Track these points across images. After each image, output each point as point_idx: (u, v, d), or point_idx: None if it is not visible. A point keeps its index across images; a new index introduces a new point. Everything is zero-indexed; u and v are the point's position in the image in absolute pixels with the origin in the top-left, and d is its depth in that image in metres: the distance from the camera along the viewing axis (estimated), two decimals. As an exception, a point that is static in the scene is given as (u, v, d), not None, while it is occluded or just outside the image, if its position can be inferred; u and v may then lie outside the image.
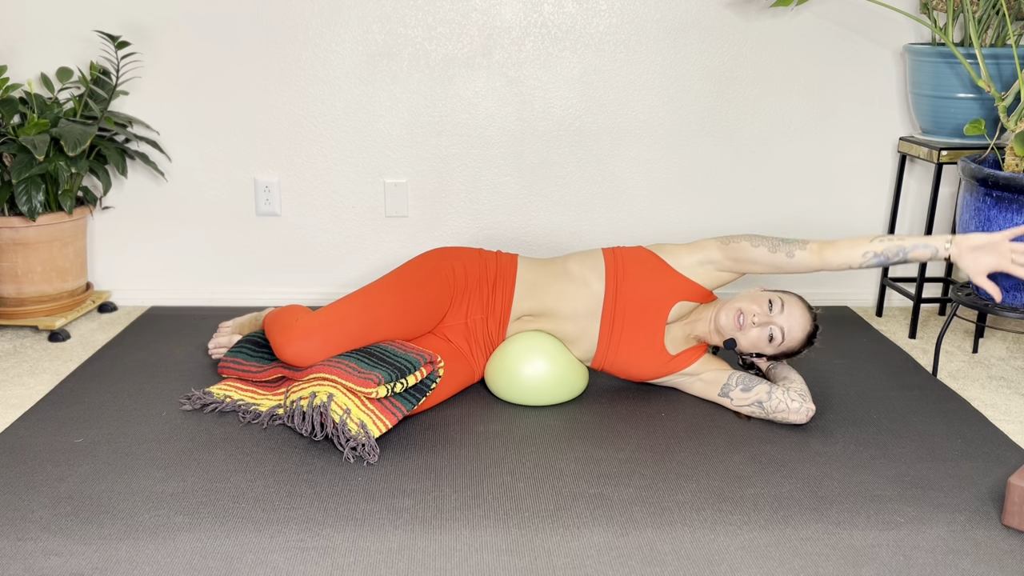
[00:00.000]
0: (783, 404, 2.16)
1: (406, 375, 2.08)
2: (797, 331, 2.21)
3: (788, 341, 2.21)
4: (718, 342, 2.28)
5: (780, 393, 2.18)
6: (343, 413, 2.01)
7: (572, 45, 2.92)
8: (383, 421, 2.04)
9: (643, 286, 2.28)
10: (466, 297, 2.36)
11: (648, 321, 2.28)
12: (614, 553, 1.68)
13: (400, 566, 1.63)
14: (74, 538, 1.70)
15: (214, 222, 3.03)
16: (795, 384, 2.21)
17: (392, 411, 2.06)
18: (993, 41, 2.73)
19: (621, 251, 2.34)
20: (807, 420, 2.16)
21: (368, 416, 2.03)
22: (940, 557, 1.68)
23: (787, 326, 2.20)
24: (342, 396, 2.04)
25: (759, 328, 2.20)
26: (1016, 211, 2.33)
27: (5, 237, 2.68)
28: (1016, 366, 2.64)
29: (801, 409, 2.15)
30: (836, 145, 3.04)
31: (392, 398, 2.08)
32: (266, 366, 2.31)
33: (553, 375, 2.29)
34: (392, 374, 2.07)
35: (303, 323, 2.18)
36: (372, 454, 1.99)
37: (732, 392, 2.25)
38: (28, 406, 2.28)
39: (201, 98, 2.92)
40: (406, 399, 2.10)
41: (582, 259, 2.36)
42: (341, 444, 2.00)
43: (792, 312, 2.20)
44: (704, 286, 2.28)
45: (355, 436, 1.99)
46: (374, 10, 2.86)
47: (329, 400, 2.04)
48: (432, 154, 2.99)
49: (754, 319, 2.19)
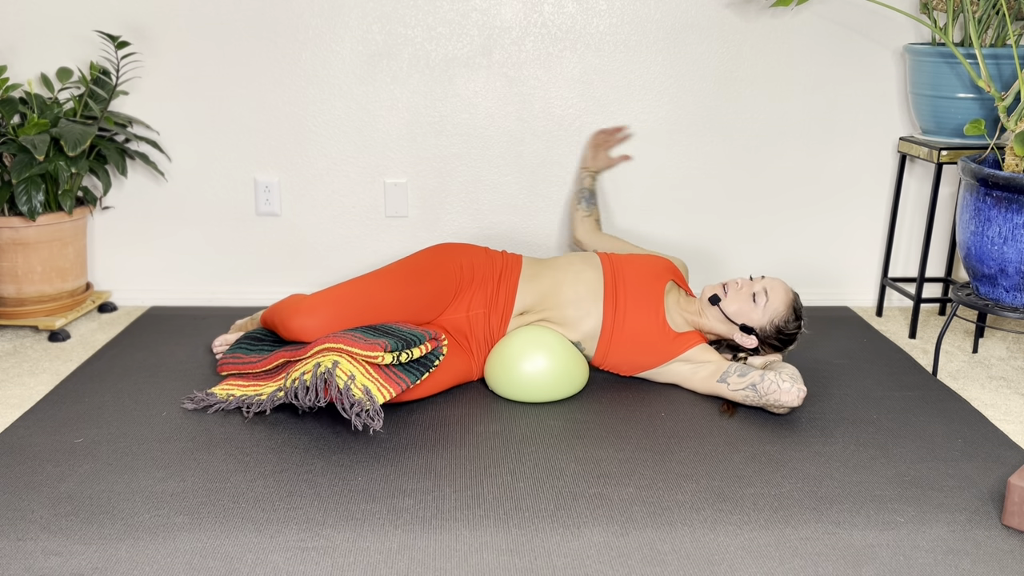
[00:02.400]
0: (775, 385, 2.19)
1: (412, 347, 2.14)
2: (780, 293, 2.37)
3: (772, 301, 2.35)
4: (710, 329, 2.42)
5: (772, 375, 2.22)
6: (347, 379, 2.02)
7: (572, 45, 2.92)
8: (387, 389, 2.05)
9: (636, 265, 2.46)
10: (470, 291, 2.41)
11: (648, 294, 2.40)
12: (614, 553, 1.68)
13: (400, 566, 1.63)
14: (74, 538, 1.70)
15: (214, 222, 3.03)
16: (787, 370, 2.25)
17: (396, 380, 2.08)
18: (993, 41, 2.73)
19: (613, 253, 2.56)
20: (799, 401, 2.18)
21: (373, 383, 2.04)
22: (940, 557, 1.68)
23: (769, 287, 2.37)
24: (347, 363, 2.06)
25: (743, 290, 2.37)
26: (1016, 211, 2.33)
27: (5, 237, 2.68)
28: (1016, 366, 2.64)
29: (792, 389, 2.17)
30: (836, 145, 3.03)
31: (396, 368, 2.11)
32: (267, 355, 2.32)
33: (552, 370, 2.29)
34: (398, 344, 2.11)
35: (310, 300, 2.25)
36: (377, 419, 1.98)
37: (730, 378, 2.28)
38: (28, 406, 2.28)
39: (201, 98, 2.92)
40: (410, 371, 2.13)
41: (581, 255, 2.51)
42: (346, 410, 1.99)
43: (773, 283, 2.39)
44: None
45: (359, 401, 1.99)
46: (374, 10, 2.86)
47: (334, 367, 2.04)
48: (432, 154, 2.99)
49: (738, 286, 2.39)
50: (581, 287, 2.40)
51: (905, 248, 3.14)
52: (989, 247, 2.40)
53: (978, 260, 2.44)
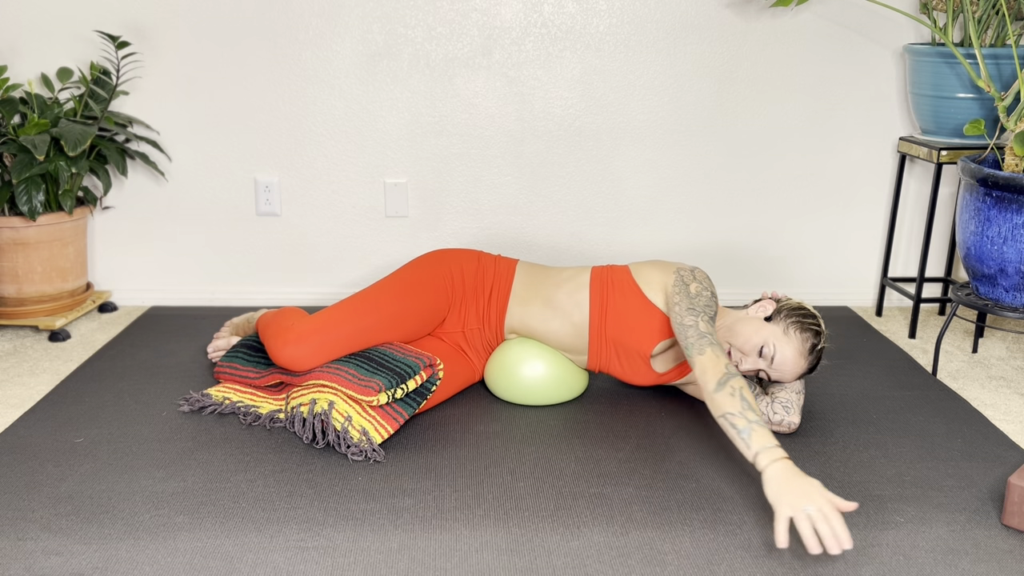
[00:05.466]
0: (765, 417, 2.15)
1: (406, 380, 2.07)
2: (788, 376, 2.12)
3: (777, 379, 2.14)
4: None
5: (763, 406, 2.17)
6: (344, 420, 2.01)
7: (572, 45, 2.92)
8: (385, 427, 2.03)
9: (627, 326, 2.21)
10: (463, 306, 2.34)
11: (633, 354, 2.24)
12: (614, 553, 1.68)
13: (400, 566, 1.63)
14: (74, 538, 1.70)
15: (214, 222, 3.03)
16: (782, 394, 2.17)
17: (394, 416, 2.06)
18: (993, 41, 2.73)
19: (610, 279, 2.26)
20: (790, 431, 2.15)
21: (370, 423, 2.02)
22: (940, 557, 1.69)
23: (776, 375, 2.12)
24: (343, 403, 2.04)
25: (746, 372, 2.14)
26: (1016, 211, 2.33)
27: (5, 237, 2.68)
28: (1016, 366, 2.64)
29: (783, 422, 2.14)
30: (836, 145, 3.04)
31: (393, 404, 2.08)
32: (263, 372, 2.30)
33: (552, 375, 2.29)
34: (392, 380, 2.05)
35: (298, 327, 2.16)
36: (377, 455, 1.99)
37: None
38: (28, 406, 2.28)
39: (201, 98, 2.92)
40: (407, 404, 2.09)
41: (569, 292, 2.27)
42: (344, 451, 2.00)
43: (784, 358, 2.08)
44: None
45: (357, 443, 1.99)
46: (374, 10, 2.86)
47: (330, 408, 2.03)
48: (432, 154, 2.99)
49: (740, 365, 2.12)
50: (565, 338, 2.27)
51: (905, 248, 3.14)
52: (989, 247, 2.40)
53: (978, 260, 2.45)
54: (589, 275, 2.29)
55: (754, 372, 2.13)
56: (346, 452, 1.99)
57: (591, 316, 2.24)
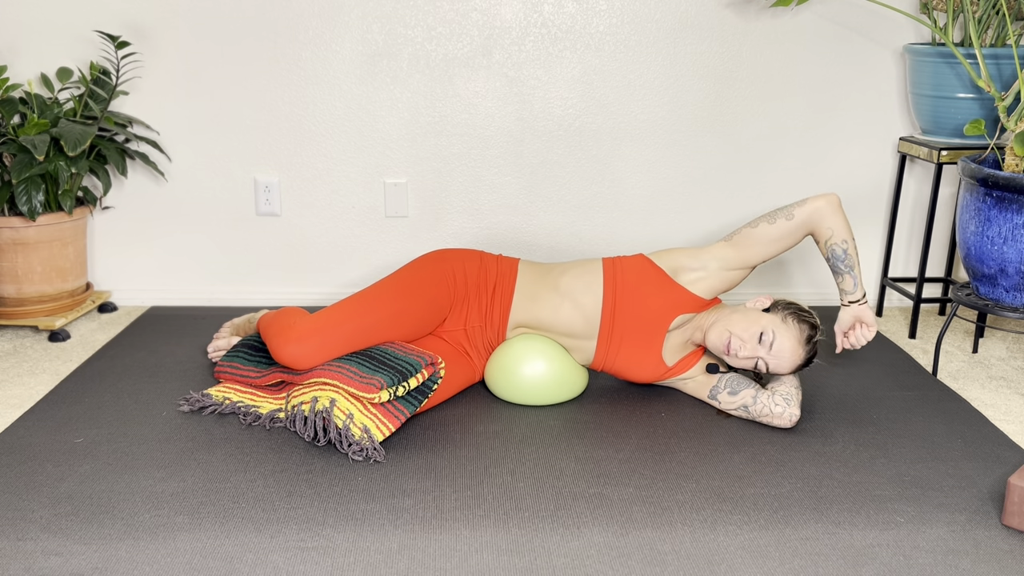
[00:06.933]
0: (767, 409, 2.17)
1: (407, 378, 2.07)
2: (785, 365, 2.15)
3: (775, 370, 2.17)
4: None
5: (765, 398, 2.18)
6: (346, 418, 2.01)
7: (572, 45, 2.92)
8: (387, 425, 2.03)
9: (642, 302, 2.24)
10: (465, 304, 2.34)
11: (646, 336, 2.26)
12: (614, 553, 1.68)
13: (400, 566, 1.63)
14: (74, 538, 1.70)
15: (214, 222, 3.03)
16: (782, 388, 2.20)
17: (395, 414, 2.06)
18: (993, 41, 2.73)
19: (621, 263, 2.30)
20: (791, 425, 2.16)
21: (371, 420, 2.02)
22: (940, 557, 1.68)
23: (774, 363, 2.14)
24: (344, 401, 2.04)
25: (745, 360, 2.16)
26: (1016, 211, 2.33)
27: (5, 237, 2.68)
28: (1016, 366, 2.64)
29: (784, 414, 2.15)
30: (836, 145, 3.04)
31: (395, 401, 2.08)
32: (264, 371, 2.30)
33: (553, 375, 2.29)
34: (394, 378, 2.06)
35: (300, 326, 2.16)
36: (376, 455, 1.99)
37: (720, 395, 2.26)
38: (28, 406, 2.28)
39: (201, 98, 2.92)
40: (409, 402, 2.09)
41: (579, 274, 2.31)
42: (345, 449, 2.00)
43: (783, 345, 2.13)
44: (705, 297, 2.26)
45: (359, 441, 1.99)
46: (374, 10, 2.86)
47: (331, 405, 2.03)
48: (432, 154, 2.99)
49: (740, 352, 2.14)
50: (576, 323, 2.28)
51: (905, 248, 3.14)
52: (989, 247, 2.40)
53: (978, 260, 2.45)
54: (600, 261, 2.34)
55: (752, 361, 2.15)
56: (347, 450, 1.99)
57: (604, 293, 2.27)
